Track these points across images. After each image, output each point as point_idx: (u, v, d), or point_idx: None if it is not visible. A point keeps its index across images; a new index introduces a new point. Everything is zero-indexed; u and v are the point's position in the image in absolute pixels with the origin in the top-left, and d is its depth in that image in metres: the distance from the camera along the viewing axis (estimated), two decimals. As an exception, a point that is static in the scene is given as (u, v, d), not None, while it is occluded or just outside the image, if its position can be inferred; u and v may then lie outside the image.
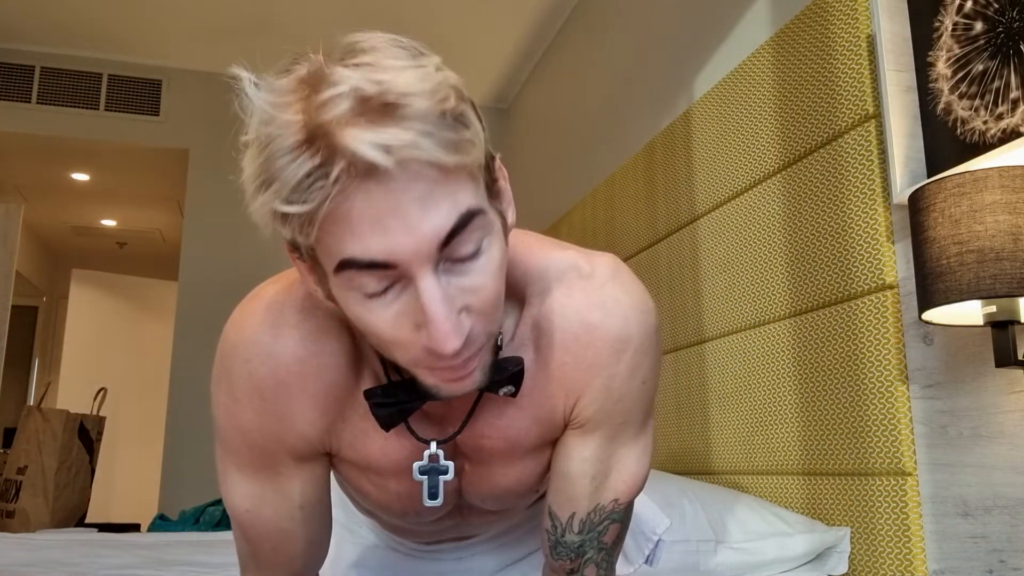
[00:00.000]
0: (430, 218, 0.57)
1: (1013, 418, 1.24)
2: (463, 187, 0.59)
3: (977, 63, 1.31)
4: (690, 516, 1.54)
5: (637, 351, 0.77)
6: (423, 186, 0.56)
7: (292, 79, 0.58)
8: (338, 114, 0.54)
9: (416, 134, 0.55)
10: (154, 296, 5.67)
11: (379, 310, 0.61)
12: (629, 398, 0.78)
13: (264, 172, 0.56)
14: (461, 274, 0.61)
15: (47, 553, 1.76)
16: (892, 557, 1.42)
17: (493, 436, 0.79)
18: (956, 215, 1.13)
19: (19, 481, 3.41)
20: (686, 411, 2.12)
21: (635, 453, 0.82)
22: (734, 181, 1.95)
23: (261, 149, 0.57)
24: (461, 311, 0.61)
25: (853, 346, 1.53)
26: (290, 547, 0.83)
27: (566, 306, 0.76)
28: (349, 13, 3.34)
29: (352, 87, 0.55)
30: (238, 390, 0.75)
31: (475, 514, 0.92)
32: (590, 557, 0.83)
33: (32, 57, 3.70)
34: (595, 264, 0.78)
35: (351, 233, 0.57)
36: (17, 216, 4.09)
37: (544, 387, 0.77)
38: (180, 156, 3.92)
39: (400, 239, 0.57)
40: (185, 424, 3.60)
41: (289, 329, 0.73)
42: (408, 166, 0.55)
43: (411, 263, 0.58)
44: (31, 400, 6.25)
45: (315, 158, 0.55)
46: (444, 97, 0.57)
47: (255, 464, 0.78)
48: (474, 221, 0.60)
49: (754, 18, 1.99)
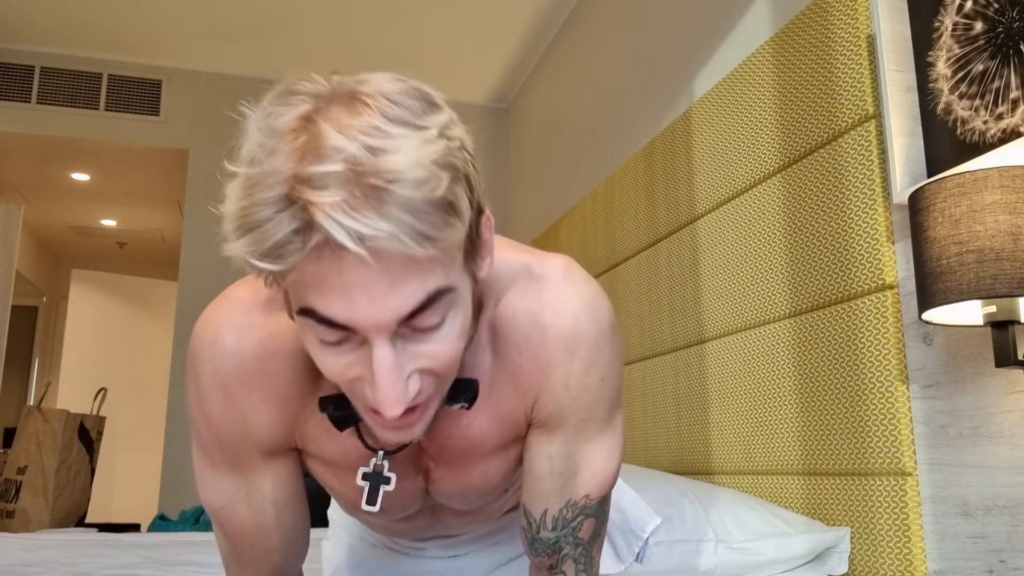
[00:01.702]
0: (396, 296, 0.58)
1: (1013, 418, 1.24)
2: (435, 268, 0.59)
3: (977, 63, 1.31)
4: (690, 516, 1.54)
5: (591, 348, 0.78)
6: (395, 265, 0.57)
7: (290, 119, 0.57)
8: (322, 196, 0.54)
9: (395, 226, 0.54)
10: (154, 296, 5.68)
11: (331, 357, 0.62)
12: (588, 395, 0.79)
13: (244, 218, 0.56)
14: (419, 341, 0.62)
15: (47, 553, 1.76)
16: (892, 557, 1.42)
17: (456, 437, 0.81)
18: (956, 215, 1.13)
19: (19, 481, 3.41)
20: (686, 411, 2.12)
21: (603, 448, 0.83)
22: (734, 181, 1.95)
23: (246, 191, 0.56)
24: (411, 374, 0.62)
25: (853, 346, 1.53)
26: (267, 541, 0.85)
27: (519, 308, 0.77)
28: (349, 13, 3.34)
29: (343, 163, 0.54)
30: (204, 387, 0.78)
31: (448, 514, 0.94)
32: (567, 553, 0.85)
33: (32, 57, 3.70)
34: (547, 266, 0.80)
35: (317, 292, 0.58)
36: (17, 216, 4.10)
37: (502, 388, 0.79)
38: (180, 156, 3.92)
39: (363, 310, 0.58)
40: (185, 424, 3.60)
41: (252, 330, 0.76)
42: (381, 252, 0.55)
43: (369, 331, 0.59)
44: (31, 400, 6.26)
45: (294, 221, 0.55)
46: (436, 183, 0.56)
47: (226, 460, 0.81)
48: (441, 299, 0.60)
49: (754, 18, 1.99)
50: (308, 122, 0.56)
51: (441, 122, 0.59)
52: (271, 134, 0.57)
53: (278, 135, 0.57)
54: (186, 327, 3.68)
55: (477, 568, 1.11)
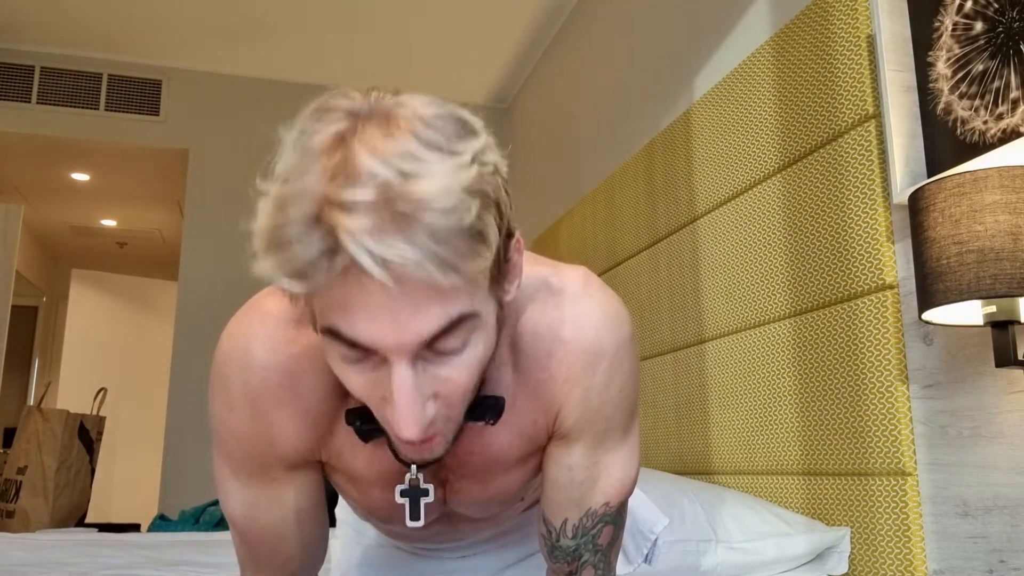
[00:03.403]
0: (418, 321, 0.59)
1: (1013, 418, 1.24)
2: (459, 295, 0.60)
3: (977, 63, 1.31)
4: (690, 516, 1.54)
5: (612, 362, 0.79)
6: (419, 291, 0.57)
7: (325, 137, 0.58)
8: (351, 222, 0.55)
9: (422, 253, 0.55)
10: (154, 296, 5.68)
11: (354, 375, 0.63)
12: (608, 407, 0.80)
13: (274, 236, 0.57)
14: (439, 364, 0.63)
15: (47, 553, 1.76)
16: (892, 557, 1.42)
17: (477, 452, 0.81)
18: (956, 215, 1.13)
19: (19, 481, 3.41)
20: (686, 411, 2.12)
21: (621, 457, 0.84)
22: (734, 181, 1.95)
23: (277, 208, 0.57)
24: (429, 398, 0.63)
25: (853, 346, 1.53)
26: (287, 550, 0.85)
27: (539, 324, 0.78)
28: (350, 13, 3.34)
29: (374, 189, 0.55)
30: (232, 398, 0.77)
31: (463, 521, 0.95)
32: (587, 560, 0.85)
33: (32, 57, 3.70)
34: (565, 279, 0.80)
35: (343, 312, 0.59)
36: (17, 216, 4.10)
37: (524, 404, 0.79)
38: (180, 156, 3.92)
39: (386, 332, 0.59)
40: (185, 424, 3.60)
41: (284, 344, 0.76)
42: (405, 278, 0.56)
43: (390, 353, 0.60)
44: (31, 400, 6.25)
45: (323, 240, 0.55)
46: (464, 212, 0.56)
47: (249, 470, 0.81)
48: (464, 324, 0.61)
49: (754, 18, 1.99)
50: (342, 142, 0.57)
51: (475, 148, 0.59)
52: (305, 153, 0.57)
53: (312, 154, 0.57)
54: (186, 327, 3.68)
55: (487, 567, 1.12)
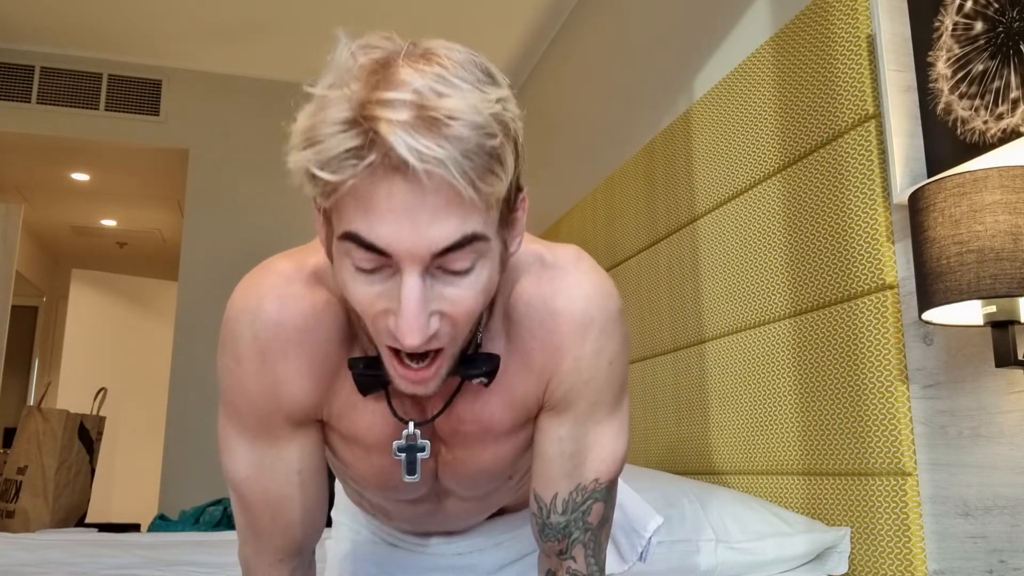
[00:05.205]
0: (436, 229, 0.62)
1: (1013, 418, 1.24)
2: (476, 212, 0.63)
3: (977, 63, 1.31)
4: (690, 516, 1.54)
5: (601, 333, 0.82)
6: (440, 200, 0.61)
7: (368, 60, 0.63)
8: (389, 114, 0.59)
9: (449, 154, 0.59)
10: (154, 296, 5.67)
11: (363, 285, 0.66)
12: (598, 378, 0.83)
13: (311, 132, 0.62)
14: (446, 283, 0.66)
15: (47, 553, 1.76)
16: (892, 557, 1.42)
17: (468, 420, 0.84)
18: (956, 215, 1.13)
19: (19, 481, 3.41)
20: (686, 411, 2.12)
21: (611, 432, 0.87)
22: (734, 181, 1.95)
23: (317, 110, 0.62)
24: (433, 315, 0.66)
25: (853, 346, 1.53)
26: (289, 514, 0.87)
27: (532, 295, 0.81)
28: (349, 13, 3.34)
29: (411, 94, 0.60)
30: (241, 352, 0.80)
31: (452, 500, 0.97)
32: (577, 537, 0.87)
33: (32, 57, 3.70)
34: (558, 254, 0.84)
35: (364, 213, 0.62)
36: (17, 216, 4.09)
37: (516, 373, 0.82)
38: (180, 156, 3.92)
39: (403, 236, 0.62)
40: (185, 424, 3.60)
41: (294, 300, 0.79)
42: (432, 177, 0.60)
43: (404, 259, 0.63)
44: (31, 400, 6.25)
45: (357, 139, 0.60)
46: (489, 133, 0.61)
47: (255, 428, 0.83)
48: (475, 244, 0.65)
49: (754, 18, 1.99)
50: (384, 66, 0.63)
51: (500, 94, 0.65)
52: (348, 69, 0.63)
53: (354, 71, 0.63)
54: (186, 327, 3.68)
55: (482, 566, 1.13)
